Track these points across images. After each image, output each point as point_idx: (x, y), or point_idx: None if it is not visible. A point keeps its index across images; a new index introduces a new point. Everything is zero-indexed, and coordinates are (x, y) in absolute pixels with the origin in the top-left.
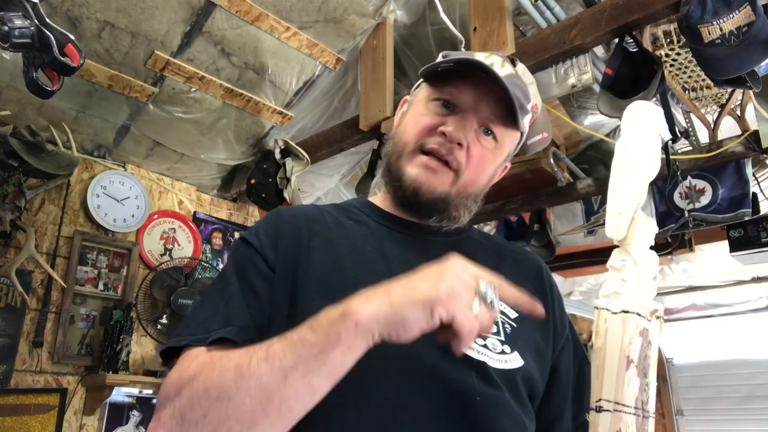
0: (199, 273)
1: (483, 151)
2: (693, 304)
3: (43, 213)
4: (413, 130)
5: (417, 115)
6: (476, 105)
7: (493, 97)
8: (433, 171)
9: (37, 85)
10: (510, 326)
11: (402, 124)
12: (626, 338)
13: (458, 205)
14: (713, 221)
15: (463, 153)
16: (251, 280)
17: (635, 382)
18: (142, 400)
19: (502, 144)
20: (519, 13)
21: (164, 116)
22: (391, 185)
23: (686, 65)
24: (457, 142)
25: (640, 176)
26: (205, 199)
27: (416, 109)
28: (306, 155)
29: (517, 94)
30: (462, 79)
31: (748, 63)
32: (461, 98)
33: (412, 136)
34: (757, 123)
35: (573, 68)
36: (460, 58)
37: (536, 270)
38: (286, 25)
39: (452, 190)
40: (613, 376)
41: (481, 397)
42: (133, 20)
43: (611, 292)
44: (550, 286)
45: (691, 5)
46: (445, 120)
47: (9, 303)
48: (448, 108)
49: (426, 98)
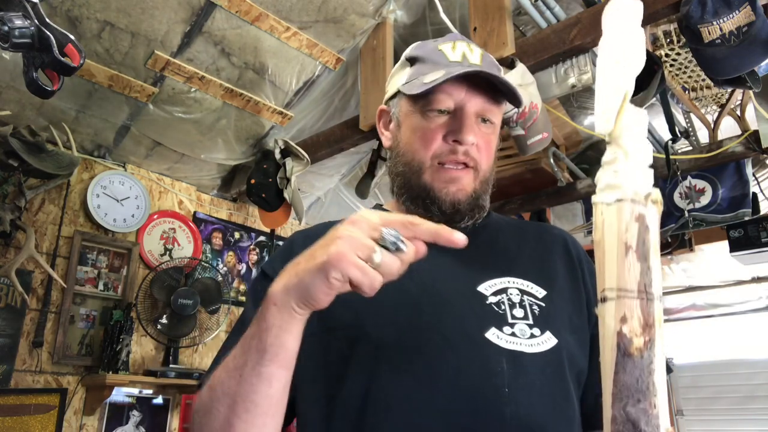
0: (199, 273)
1: (488, 138)
2: (693, 304)
3: (43, 213)
4: (422, 145)
5: (418, 129)
6: (468, 100)
7: (480, 86)
8: (458, 179)
9: (37, 85)
10: (538, 307)
11: (404, 141)
12: (622, 225)
13: (483, 194)
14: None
15: (476, 150)
16: None
17: (636, 266)
18: (142, 400)
19: (497, 124)
20: (519, 13)
21: (164, 116)
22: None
23: (686, 65)
24: (471, 144)
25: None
26: (205, 199)
27: (412, 122)
28: (306, 155)
29: (495, 73)
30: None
31: (748, 63)
32: (452, 100)
33: (425, 153)
34: (757, 123)
35: (573, 68)
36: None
37: (562, 243)
38: (286, 25)
39: (476, 186)
40: (614, 264)
41: (509, 388)
42: (133, 20)
43: (605, 185)
44: (578, 257)
45: (691, 5)
46: (449, 126)
47: (9, 303)
48: (443, 113)
49: (418, 110)
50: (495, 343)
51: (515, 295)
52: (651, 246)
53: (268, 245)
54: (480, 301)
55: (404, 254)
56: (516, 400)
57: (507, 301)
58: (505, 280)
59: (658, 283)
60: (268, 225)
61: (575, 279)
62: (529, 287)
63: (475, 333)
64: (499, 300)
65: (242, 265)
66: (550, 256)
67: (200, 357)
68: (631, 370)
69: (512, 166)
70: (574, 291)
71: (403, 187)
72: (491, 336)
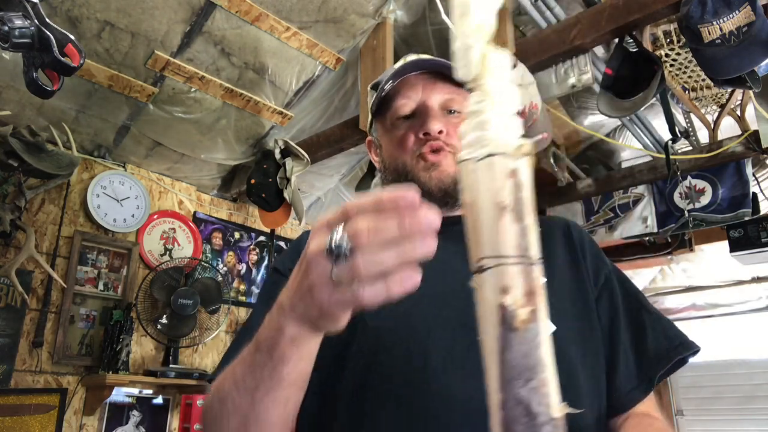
0: (199, 273)
1: (457, 126)
2: (693, 304)
3: (43, 213)
4: (399, 149)
5: (392, 140)
6: (427, 96)
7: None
8: (439, 162)
9: (37, 85)
10: None
11: (386, 156)
12: (495, 184)
13: None
14: (713, 221)
15: (447, 136)
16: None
17: (513, 228)
18: (142, 400)
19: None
20: (519, 13)
21: (164, 116)
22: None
23: (686, 65)
24: (439, 131)
25: (483, 5)
26: (205, 199)
27: (387, 137)
28: (306, 155)
29: (449, 64)
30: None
31: (748, 63)
32: (412, 101)
33: (403, 154)
34: (757, 123)
35: (573, 68)
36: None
37: (563, 230)
38: (286, 25)
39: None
40: (488, 228)
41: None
42: (133, 20)
43: (472, 139)
44: (580, 241)
45: (691, 5)
46: (416, 124)
47: (9, 303)
48: (409, 118)
49: (387, 126)
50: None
51: None
52: (525, 203)
53: (268, 245)
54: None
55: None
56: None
57: None
58: None
59: (535, 245)
60: (268, 225)
61: (577, 263)
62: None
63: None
64: None
65: (242, 265)
66: (550, 243)
67: (200, 357)
68: (518, 347)
69: None
70: (576, 276)
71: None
72: None
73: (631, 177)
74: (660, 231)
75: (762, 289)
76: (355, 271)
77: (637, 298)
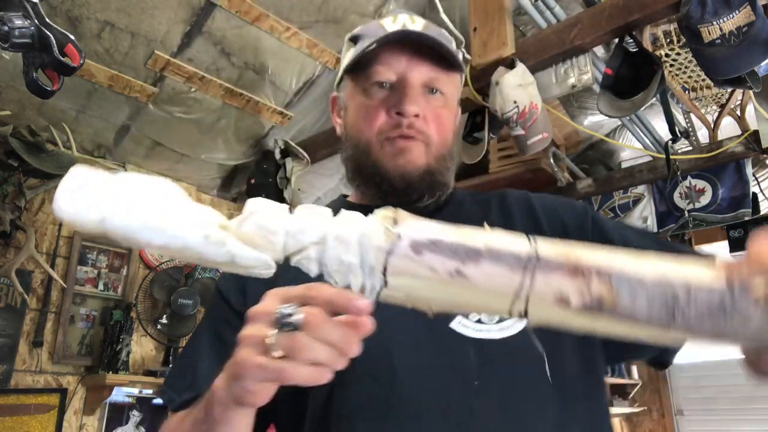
0: (199, 273)
1: (437, 111)
2: None
3: (43, 213)
4: (366, 124)
5: (361, 108)
6: (410, 70)
7: (422, 55)
8: (407, 150)
9: (37, 85)
10: None
11: (350, 124)
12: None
13: (441, 170)
14: (713, 221)
15: (422, 121)
16: (220, 333)
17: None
18: (142, 400)
19: (449, 95)
20: (519, 13)
21: (164, 116)
22: (372, 183)
23: (686, 65)
24: (414, 115)
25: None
26: (205, 199)
27: (355, 102)
28: (306, 155)
29: (439, 40)
30: (384, 53)
31: (748, 63)
32: (393, 71)
33: (369, 131)
34: (757, 123)
35: (573, 68)
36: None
37: (524, 202)
38: (286, 25)
39: (430, 160)
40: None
41: (480, 380)
42: (133, 20)
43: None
44: (542, 207)
45: (691, 5)
46: (391, 99)
47: (9, 303)
48: (385, 87)
49: (359, 87)
50: (461, 333)
51: None
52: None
53: None
54: None
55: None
56: (487, 393)
57: None
58: None
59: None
60: None
61: (536, 231)
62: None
63: (439, 324)
64: None
65: None
66: (514, 225)
67: None
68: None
69: (512, 166)
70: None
71: (355, 171)
72: (456, 326)
73: (631, 177)
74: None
75: None
76: (294, 344)
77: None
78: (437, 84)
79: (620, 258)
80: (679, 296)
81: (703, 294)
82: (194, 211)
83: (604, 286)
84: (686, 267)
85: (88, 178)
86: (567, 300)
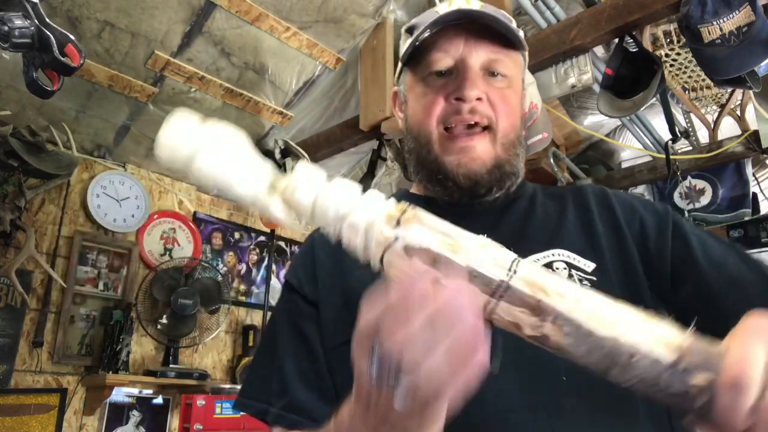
0: (199, 273)
1: (502, 92)
2: None
3: (43, 213)
4: (426, 114)
5: (419, 98)
6: (468, 53)
7: (479, 36)
8: (471, 147)
9: (37, 85)
10: (588, 282)
11: (410, 116)
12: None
13: (510, 159)
14: (713, 221)
15: (486, 104)
16: (299, 326)
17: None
18: (142, 400)
19: (512, 76)
20: (519, 13)
21: (164, 116)
22: (435, 180)
23: (686, 65)
24: (476, 99)
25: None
26: (205, 199)
27: (414, 93)
28: (306, 155)
29: (498, 18)
30: (439, 39)
31: (748, 63)
32: (450, 57)
33: (429, 122)
34: (757, 123)
35: (573, 68)
36: (428, 24)
37: (602, 199)
38: (286, 25)
39: (498, 150)
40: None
41: (568, 376)
42: (133, 20)
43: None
44: (620, 203)
45: (691, 5)
46: (451, 86)
47: (9, 303)
48: (444, 75)
49: (418, 79)
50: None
51: (562, 270)
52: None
53: (268, 245)
54: None
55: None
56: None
57: None
58: (549, 253)
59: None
60: (268, 225)
61: (622, 238)
62: (575, 260)
63: None
64: None
65: (242, 265)
66: (592, 221)
67: (200, 357)
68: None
69: None
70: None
71: (417, 165)
72: None
73: (631, 177)
74: None
75: None
76: (416, 389)
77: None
78: (498, 66)
79: (584, 307)
80: (622, 357)
81: (646, 362)
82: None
83: (556, 330)
84: (649, 331)
85: (186, 122)
86: (520, 328)
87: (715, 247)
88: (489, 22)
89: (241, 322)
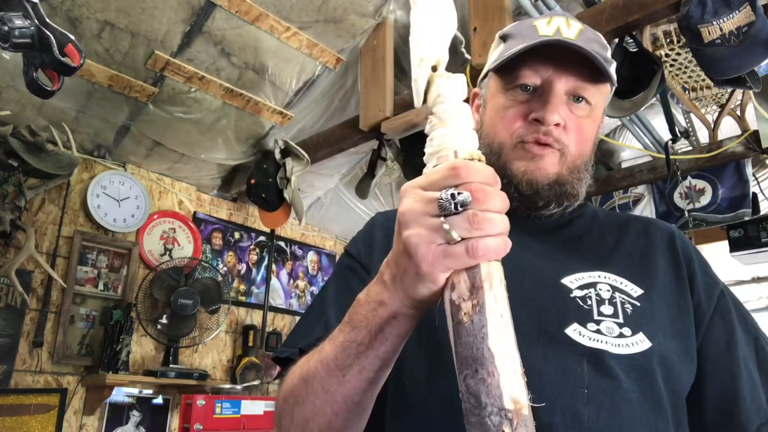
0: (199, 273)
1: (580, 121)
2: None
3: (43, 213)
4: (504, 126)
5: (501, 109)
6: (557, 77)
7: (572, 62)
8: (540, 157)
9: (37, 85)
10: (631, 306)
11: (487, 122)
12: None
13: (573, 181)
14: (713, 221)
15: (562, 131)
16: (349, 282)
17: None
18: (142, 400)
19: (595, 105)
20: (519, 13)
21: (164, 116)
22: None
23: (686, 65)
24: (554, 124)
25: (433, 37)
26: (205, 199)
27: (495, 102)
28: (306, 155)
29: (594, 49)
30: (533, 56)
31: (748, 63)
32: (539, 76)
33: (505, 133)
34: (757, 123)
35: None
36: (526, 46)
37: (667, 237)
38: (286, 25)
39: (563, 170)
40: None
41: (589, 390)
42: (133, 20)
43: (428, 154)
44: (685, 253)
45: (691, 5)
46: (533, 105)
47: (9, 303)
48: (529, 91)
49: (502, 87)
50: (576, 340)
51: (605, 291)
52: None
53: (268, 245)
54: (562, 294)
55: (474, 202)
56: (596, 402)
57: (595, 296)
58: (595, 274)
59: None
60: (268, 225)
61: (680, 278)
62: (622, 284)
63: (554, 328)
64: (585, 294)
65: (242, 265)
66: (652, 253)
67: (200, 357)
68: (465, 339)
69: None
70: (678, 292)
71: None
72: (572, 332)
73: (631, 177)
74: None
75: (762, 289)
76: (475, 221)
77: (754, 324)
78: (582, 92)
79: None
80: (482, 373)
81: (490, 391)
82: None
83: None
84: (516, 377)
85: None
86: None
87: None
88: (584, 53)
89: (241, 322)
